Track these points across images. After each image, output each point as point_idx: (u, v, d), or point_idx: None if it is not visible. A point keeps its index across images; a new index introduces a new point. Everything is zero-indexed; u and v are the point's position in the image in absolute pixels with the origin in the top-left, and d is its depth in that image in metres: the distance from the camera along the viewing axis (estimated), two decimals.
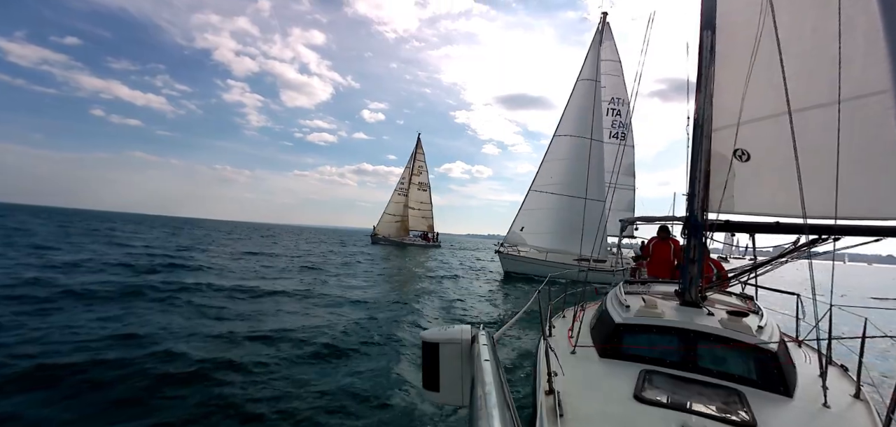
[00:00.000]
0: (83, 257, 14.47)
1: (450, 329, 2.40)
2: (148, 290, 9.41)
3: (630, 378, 2.45)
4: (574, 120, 18.78)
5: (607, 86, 21.94)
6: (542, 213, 18.33)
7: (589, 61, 19.66)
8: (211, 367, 5.03)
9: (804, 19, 3.30)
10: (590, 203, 18.02)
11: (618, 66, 22.75)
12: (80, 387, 4.34)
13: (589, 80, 19.22)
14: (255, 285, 11.61)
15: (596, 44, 20.56)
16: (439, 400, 2.38)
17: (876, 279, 43.25)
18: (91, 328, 6.29)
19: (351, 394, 4.67)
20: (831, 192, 2.79)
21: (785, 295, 4.23)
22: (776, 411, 2.25)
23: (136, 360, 5.09)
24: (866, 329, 2.80)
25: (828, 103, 2.96)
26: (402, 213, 45.02)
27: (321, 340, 6.51)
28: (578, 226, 17.64)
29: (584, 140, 18.35)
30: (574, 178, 18.19)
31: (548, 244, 18.18)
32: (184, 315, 7.71)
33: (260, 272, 15.23)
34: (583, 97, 18.93)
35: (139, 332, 6.22)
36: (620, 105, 22.75)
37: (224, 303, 9.04)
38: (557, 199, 18.30)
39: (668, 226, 5.73)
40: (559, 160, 18.58)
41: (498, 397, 1.35)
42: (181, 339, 6.16)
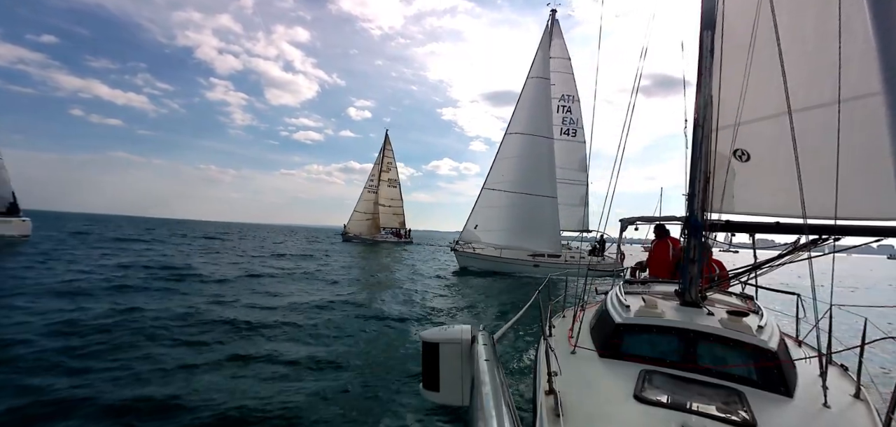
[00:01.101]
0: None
1: (450, 329, 2.40)
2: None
3: (630, 378, 2.45)
4: (525, 118, 18.93)
5: (557, 83, 22.09)
6: (495, 210, 18.49)
7: (539, 59, 19.68)
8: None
9: (804, 19, 3.30)
10: (542, 200, 18.44)
11: (567, 64, 22.87)
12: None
13: (539, 78, 19.28)
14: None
15: (545, 41, 20.56)
16: (439, 400, 2.38)
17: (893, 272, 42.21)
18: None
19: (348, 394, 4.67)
20: (831, 192, 2.79)
21: (785, 295, 4.23)
22: (776, 411, 2.25)
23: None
24: (866, 329, 2.80)
25: (828, 103, 2.96)
26: (373, 211, 44.66)
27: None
28: (531, 222, 18.18)
29: (534, 138, 18.67)
30: (525, 175, 18.42)
31: (501, 241, 18.36)
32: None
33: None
34: (533, 95, 19.10)
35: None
36: (571, 102, 22.88)
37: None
38: (509, 197, 18.46)
39: (664, 225, 5.72)
40: (511, 158, 18.73)
41: (498, 397, 1.35)
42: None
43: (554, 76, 21.41)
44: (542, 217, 18.33)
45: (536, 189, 18.37)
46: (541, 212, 18.32)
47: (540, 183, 18.42)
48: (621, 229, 4.85)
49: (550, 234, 18.57)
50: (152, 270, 13.36)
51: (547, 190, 18.50)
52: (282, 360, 5.70)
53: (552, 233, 18.63)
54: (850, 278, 23.56)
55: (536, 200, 18.32)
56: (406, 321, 8.50)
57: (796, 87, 2.98)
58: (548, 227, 18.49)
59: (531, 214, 18.20)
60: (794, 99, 2.90)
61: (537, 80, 19.22)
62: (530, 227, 18.17)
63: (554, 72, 21.45)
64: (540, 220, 18.30)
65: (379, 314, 8.90)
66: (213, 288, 11.16)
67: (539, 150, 18.61)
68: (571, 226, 22.73)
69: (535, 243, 18.37)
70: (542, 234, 18.38)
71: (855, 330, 2.84)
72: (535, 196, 18.34)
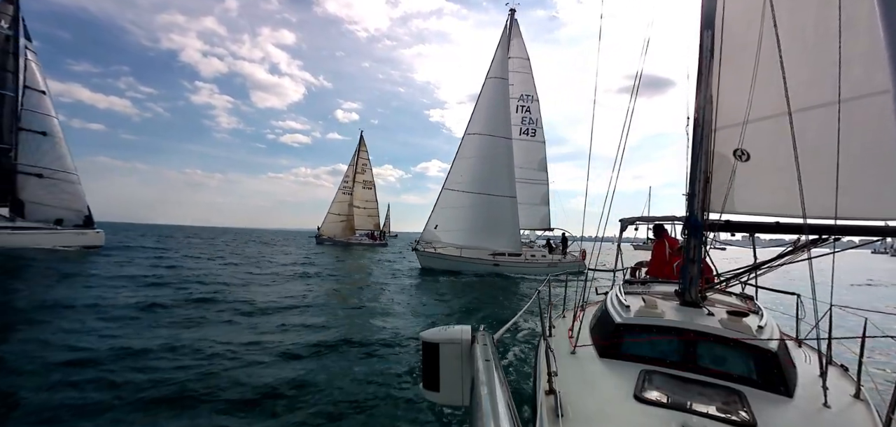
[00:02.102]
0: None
1: (450, 329, 2.41)
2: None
3: (630, 378, 2.45)
4: (483, 118, 18.94)
5: (516, 83, 22.11)
6: (455, 210, 18.53)
7: (498, 59, 19.56)
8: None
9: (805, 19, 3.30)
10: (501, 199, 18.60)
11: (526, 64, 22.83)
12: None
13: (497, 78, 19.29)
14: None
15: (504, 41, 20.51)
16: (439, 400, 2.38)
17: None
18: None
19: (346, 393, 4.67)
20: (831, 192, 2.79)
21: (785, 295, 4.23)
22: (776, 411, 2.25)
23: None
24: (866, 329, 2.80)
25: (828, 103, 2.96)
26: (347, 213, 43.65)
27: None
28: (490, 222, 18.37)
29: (493, 138, 18.74)
30: (484, 175, 18.51)
31: (462, 241, 18.41)
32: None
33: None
34: (491, 95, 19.11)
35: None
36: (530, 102, 22.84)
37: None
38: (469, 197, 18.52)
39: (663, 225, 5.72)
40: (469, 158, 18.77)
41: (498, 397, 1.35)
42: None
43: (513, 76, 21.57)
44: (501, 217, 18.52)
45: (495, 189, 18.51)
46: (500, 211, 18.51)
47: (499, 183, 18.57)
48: (621, 229, 4.84)
49: (510, 234, 18.76)
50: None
51: (506, 190, 18.67)
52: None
53: (512, 232, 18.84)
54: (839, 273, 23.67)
55: (496, 200, 18.47)
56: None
57: (796, 86, 2.98)
58: (507, 227, 18.69)
59: (490, 214, 18.36)
60: (794, 99, 2.90)
61: (496, 80, 19.22)
62: (490, 227, 18.34)
63: (513, 72, 21.74)
64: (499, 219, 18.48)
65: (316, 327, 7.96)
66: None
67: (497, 150, 18.72)
68: (533, 225, 22.95)
69: (495, 243, 18.51)
70: (502, 234, 18.57)
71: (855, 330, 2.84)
72: (495, 196, 18.48)
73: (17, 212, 20.59)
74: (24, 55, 21.61)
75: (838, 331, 3.03)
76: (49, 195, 21.41)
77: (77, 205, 22.51)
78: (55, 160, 21.90)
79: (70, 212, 22.12)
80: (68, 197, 22.23)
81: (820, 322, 2.99)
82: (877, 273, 25.55)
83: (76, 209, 22.39)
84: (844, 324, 3.06)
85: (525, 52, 22.75)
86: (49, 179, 21.46)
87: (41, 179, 21.22)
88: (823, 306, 2.94)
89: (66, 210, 21.97)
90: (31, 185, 20.97)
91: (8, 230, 19.24)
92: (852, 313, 3.29)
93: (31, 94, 21.54)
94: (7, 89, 21.13)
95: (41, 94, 21.79)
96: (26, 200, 20.87)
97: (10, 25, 21.49)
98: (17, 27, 21.52)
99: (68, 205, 22.13)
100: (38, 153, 21.36)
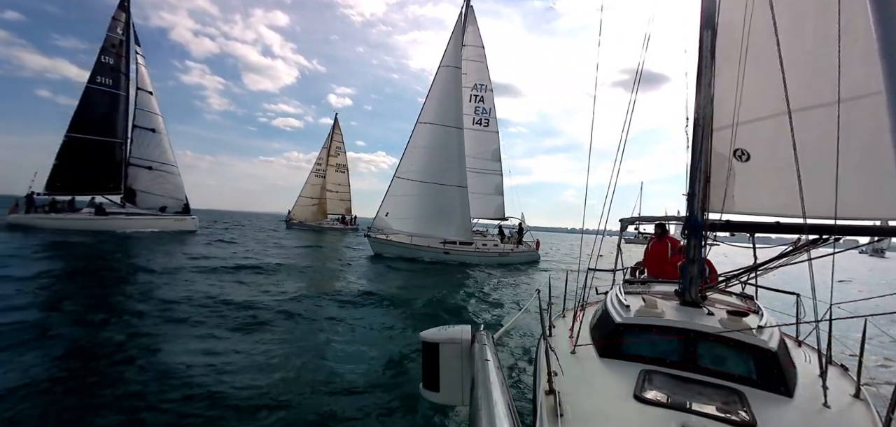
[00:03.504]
0: None
1: (450, 329, 2.41)
2: None
3: (630, 378, 2.45)
4: (434, 107, 18.82)
5: (469, 72, 21.86)
6: (406, 198, 18.52)
7: (451, 47, 19.16)
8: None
9: (804, 19, 3.31)
10: (451, 189, 18.67)
11: (481, 52, 22.57)
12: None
13: (450, 67, 18.94)
14: None
15: (459, 29, 20.21)
16: (439, 400, 2.38)
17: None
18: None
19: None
20: (831, 192, 2.79)
21: (785, 295, 4.23)
22: (776, 411, 2.26)
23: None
24: (866, 329, 2.80)
25: (828, 103, 2.96)
26: (320, 196, 42.62)
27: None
28: (441, 210, 18.48)
29: (444, 127, 18.67)
30: (435, 164, 18.48)
31: (412, 229, 18.44)
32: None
33: None
34: (444, 84, 18.95)
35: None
36: (484, 91, 22.64)
37: None
38: (420, 186, 18.49)
39: (664, 224, 5.72)
40: (421, 147, 18.70)
41: (498, 397, 1.35)
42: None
43: (467, 65, 21.30)
44: (451, 205, 18.60)
45: (446, 178, 18.47)
46: (450, 200, 18.58)
47: (449, 172, 18.55)
48: (621, 228, 4.84)
49: (460, 222, 18.85)
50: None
51: (456, 179, 18.66)
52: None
53: (462, 221, 18.93)
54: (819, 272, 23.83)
55: (446, 189, 18.51)
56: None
57: (796, 86, 2.98)
58: (457, 216, 18.76)
59: (441, 203, 18.41)
60: (793, 99, 2.90)
61: (448, 68, 18.93)
62: (440, 216, 18.40)
63: (467, 60, 21.28)
64: (449, 208, 18.56)
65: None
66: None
67: (448, 139, 18.65)
68: (487, 214, 22.96)
69: (446, 231, 18.57)
70: (452, 222, 18.65)
71: (855, 330, 2.85)
72: (445, 185, 18.51)
73: (129, 199, 23.45)
74: (134, 59, 24.25)
75: (838, 331, 3.03)
76: (156, 185, 24.37)
77: (178, 194, 25.41)
78: (161, 154, 24.72)
79: (172, 200, 25.03)
80: (171, 187, 25.24)
81: (820, 322, 3.00)
82: (854, 271, 25.54)
83: (177, 198, 25.26)
84: (844, 324, 3.06)
85: (480, 40, 22.49)
86: (156, 171, 24.38)
87: (150, 171, 24.18)
88: (823, 306, 2.94)
89: (169, 198, 24.92)
90: (141, 177, 23.92)
91: (123, 216, 22.45)
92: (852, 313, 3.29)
93: (143, 95, 24.21)
94: (120, 89, 23.82)
95: (149, 95, 24.50)
96: (138, 190, 23.79)
97: (123, 31, 24.08)
98: (129, 33, 24.16)
99: (171, 194, 25.12)
100: (148, 148, 24.11)
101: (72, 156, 22.18)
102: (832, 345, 2.96)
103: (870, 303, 3.81)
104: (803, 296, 3.54)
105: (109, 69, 23.45)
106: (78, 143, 22.30)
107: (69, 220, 20.79)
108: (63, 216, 21.00)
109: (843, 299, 3.09)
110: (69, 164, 22.04)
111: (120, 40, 23.89)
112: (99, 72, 23.13)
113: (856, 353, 2.77)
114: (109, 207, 22.63)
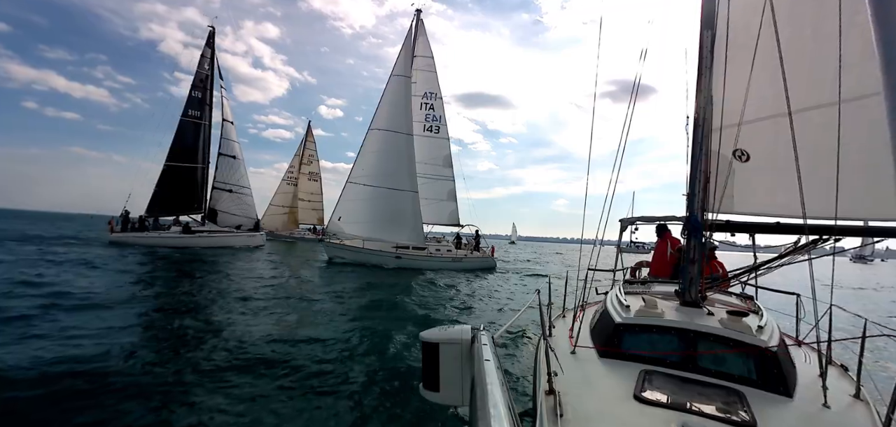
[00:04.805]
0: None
1: (450, 329, 2.41)
2: None
3: (630, 378, 2.45)
4: (386, 115, 19.44)
5: (419, 81, 22.67)
6: (358, 203, 18.96)
7: (402, 57, 20.04)
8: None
9: (804, 20, 3.31)
10: (402, 194, 19.14)
11: (431, 62, 23.42)
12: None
13: (401, 76, 19.77)
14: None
15: (409, 40, 21.05)
16: (439, 400, 2.38)
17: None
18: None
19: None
20: (831, 193, 2.79)
21: (785, 295, 4.23)
22: (776, 411, 2.26)
23: None
24: (866, 329, 2.80)
25: (827, 104, 2.96)
26: (291, 204, 41.59)
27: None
28: (393, 215, 18.92)
29: (394, 134, 19.29)
30: (386, 170, 19.00)
31: (364, 233, 18.85)
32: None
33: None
34: (395, 92, 19.63)
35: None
36: (433, 99, 23.42)
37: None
38: (372, 191, 18.97)
39: (665, 224, 5.72)
40: (373, 153, 19.22)
41: (498, 397, 1.35)
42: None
43: (417, 74, 22.26)
44: (402, 210, 19.07)
45: (397, 184, 19.00)
46: (402, 205, 19.06)
47: (400, 177, 19.08)
48: (621, 229, 4.84)
49: (412, 227, 19.32)
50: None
51: (407, 185, 19.20)
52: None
53: (414, 226, 19.40)
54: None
55: (397, 194, 18.98)
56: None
57: (796, 87, 2.98)
58: (409, 221, 19.24)
59: (392, 208, 18.86)
60: (793, 99, 2.90)
61: (399, 77, 19.74)
62: (392, 220, 18.83)
63: (417, 70, 22.28)
64: (401, 213, 19.03)
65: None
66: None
67: (398, 145, 19.23)
68: (441, 220, 23.49)
69: (398, 236, 19.03)
70: (404, 227, 19.09)
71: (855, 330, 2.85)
72: (396, 190, 18.99)
73: (211, 219, 25.92)
74: (219, 90, 27.03)
75: (838, 331, 3.03)
76: (234, 206, 26.92)
77: (251, 213, 27.93)
78: (239, 178, 27.29)
79: (246, 219, 27.36)
80: (246, 207, 27.75)
81: (820, 322, 3.00)
82: (841, 277, 25.68)
83: (250, 217, 27.71)
84: (844, 324, 3.07)
85: (429, 51, 23.47)
86: (236, 194, 26.96)
87: (230, 193, 26.78)
88: (823, 306, 2.95)
89: (243, 217, 27.24)
90: (223, 199, 26.54)
91: (206, 233, 24.87)
92: (852, 313, 3.29)
93: (227, 126, 26.82)
94: (204, 119, 26.42)
95: (231, 124, 27.14)
96: (220, 210, 26.27)
97: (209, 66, 26.67)
98: (213, 68, 26.84)
99: (245, 213, 27.51)
100: (229, 173, 26.76)
101: (168, 182, 24.91)
102: (832, 345, 2.96)
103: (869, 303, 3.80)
104: (803, 296, 3.54)
105: (198, 102, 26.17)
106: (173, 170, 25.07)
107: (160, 238, 23.20)
108: (157, 234, 23.50)
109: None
110: (165, 189, 24.80)
111: (206, 74, 26.52)
112: (190, 105, 25.77)
113: (856, 353, 2.77)
114: (194, 226, 25.25)
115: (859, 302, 14.76)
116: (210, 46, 26.83)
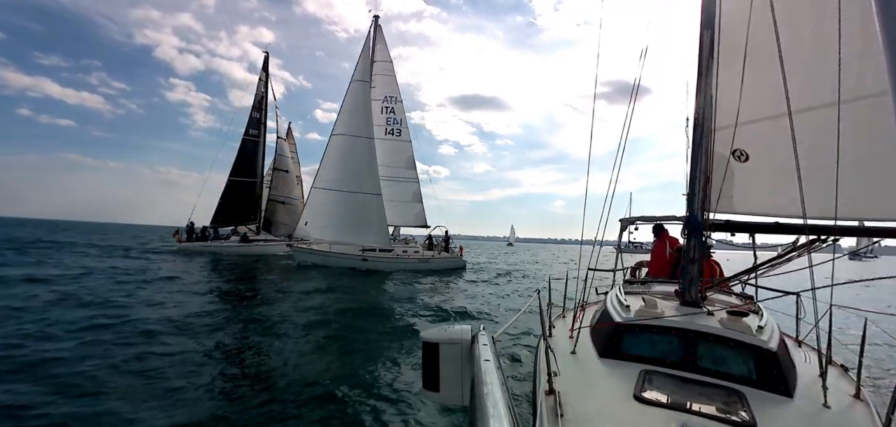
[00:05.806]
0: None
1: (450, 329, 2.41)
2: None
3: (630, 378, 2.45)
4: (346, 120, 19.86)
5: (379, 86, 23.12)
6: (324, 208, 19.30)
7: (361, 63, 20.53)
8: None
9: (804, 20, 3.31)
10: (366, 197, 19.52)
11: (390, 66, 24.06)
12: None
13: (360, 82, 20.25)
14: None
15: (368, 46, 21.61)
16: (439, 400, 2.38)
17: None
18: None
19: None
20: (831, 193, 2.79)
21: (785, 295, 4.23)
22: (776, 411, 2.26)
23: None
24: (866, 329, 2.80)
25: (827, 104, 2.96)
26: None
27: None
28: (358, 218, 19.31)
29: (355, 138, 19.65)
30: (349, 174, 19.44)
31: (331, 237, 19.23)
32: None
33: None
34: (355, 97, 20.08)
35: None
36: (394, 102, 24.05)
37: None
38: (336, 195, 19.32)
39: (663, 224, 5.72)
40: (336, 158, 19.60)
41: (498, 397, 1.35)
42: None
43: (377, 79, 22.84)
44: (367, 213, 19.44)
45: (360, 187, 19.41)
46: (366, 208, 19.42)
47: (363, 181, 19.50)
48: (621, 229, 4.84)
49: (378, 229, 19.71)
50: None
51: (370, 188, 19.61)
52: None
53: (379, 228, 19.78)
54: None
55: (361, 197, 19.36)
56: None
57: (795, 87, 2.98)
58: (374, 223, 19.61)
59: (357, 211, 19.23)
60: (793, 99, 2.90)
61: (359, 82, 20.22)
62: (358, 223, 19.18)
63: (377, 74, 22.85)
64: (366, 216, 19.41)
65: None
66: None
67: (360, 149, 19.67)
68: (408, 222, 23.89)
69: (364, 238, 19.42)
70: (369, 230, 19.47)
71: (855, 330, 2.85)
72: (360, 193, 19.39)
73: (266, 229, 27.88)
74: (273, 109, 29.15)
75: (838, 331, 3.03)
76: (287, 216, 28.10)
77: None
78: (291, 190, 29.02)
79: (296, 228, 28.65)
80: (296, 217, 29.37)
81: (820, 322, 3.00)
82: (839, 275, 25.70)
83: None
84: (844, 324, 3.07)
85: (388, 55, 24.06)
86: (288, 205, 28.48)
87: (284, 205, 28.39)
88: (823, 306, 2.95)
89: (294, 227, 28.90)
90: (278, 210, 28.24)
91: (261, 242, 26.94)
92: (852, 313, 3.29)
93: (280, 142, 28.80)
94: (260, 136, 28.52)
95: (284, 141, 29.31)
96: (274, 220, 27.90)
97: (264, 86, 28.58)
98: (266, 89, 28.79)
99: (296, 223, 28.81)
100: (283, 186, 28.46)
101: (230, 195, 27.21)
102: (832, 345, 2.96)
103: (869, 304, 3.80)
104: (803, 296, 3.54)
105: (256, 122, 28.37)
106: (235, 184, 27.42)
107: (221, 246, 25.56)
108: (218, 243, 25.90)
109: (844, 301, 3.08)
110: (227, 201, 27.10)
111: (262, 95, 28.54)
112: (250, 125, 28.02)
113: (856, 353, 2.77)
114: (251, 235, 27.62)
115: (859, 298, 14.74)
116: (265, 70, 28.91)
